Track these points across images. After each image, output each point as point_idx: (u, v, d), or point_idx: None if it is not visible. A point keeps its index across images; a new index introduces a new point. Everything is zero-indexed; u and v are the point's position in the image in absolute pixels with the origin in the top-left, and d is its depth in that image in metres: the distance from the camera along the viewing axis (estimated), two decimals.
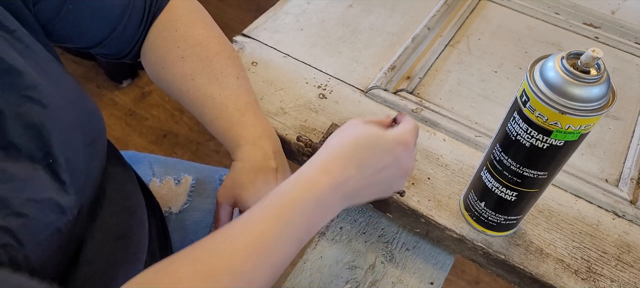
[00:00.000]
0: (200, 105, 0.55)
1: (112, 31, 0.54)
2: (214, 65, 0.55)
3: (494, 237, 0.53)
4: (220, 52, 0.56)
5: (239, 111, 0.54)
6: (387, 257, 0.57)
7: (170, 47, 0.55)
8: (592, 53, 0.37)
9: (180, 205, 0.74)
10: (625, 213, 0.56)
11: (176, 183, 0.75)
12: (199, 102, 0.55)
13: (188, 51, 0.55)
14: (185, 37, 0.56)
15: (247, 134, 0.53)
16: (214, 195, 0.77)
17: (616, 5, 0.84)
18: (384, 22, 0.78)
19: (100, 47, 0.56)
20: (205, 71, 0.55)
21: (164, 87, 0.58)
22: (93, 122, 0.47)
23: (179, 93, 0.56)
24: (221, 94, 0.54)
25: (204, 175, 0.77)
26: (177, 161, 0.79)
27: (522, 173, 0.45)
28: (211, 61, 0.55)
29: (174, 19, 0.56)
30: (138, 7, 0.55)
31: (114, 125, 1.67)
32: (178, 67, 0.55)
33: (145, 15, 0.56)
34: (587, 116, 0.39)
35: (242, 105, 0.54)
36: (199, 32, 0.57)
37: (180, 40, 0.55)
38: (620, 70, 0.75)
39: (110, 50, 0.57)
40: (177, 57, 0.55)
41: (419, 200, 0.56)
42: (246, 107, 0.54)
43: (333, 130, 0.59)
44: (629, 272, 0.52)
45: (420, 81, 0.70)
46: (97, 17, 0.53)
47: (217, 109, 0.54)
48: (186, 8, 0.58)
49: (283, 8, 0.79)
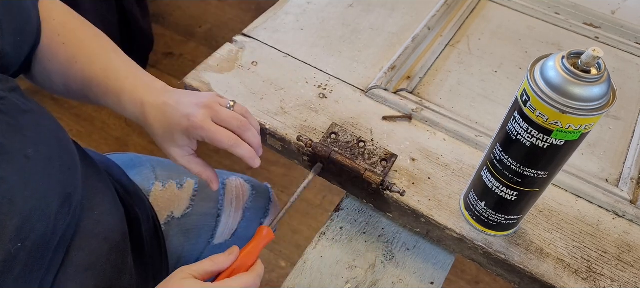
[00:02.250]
0: (88, 88, 0.56)
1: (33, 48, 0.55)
2: (92, 45, 0.57)
3: (495, 236, 0.53)
4: (97, 35, 0.58)
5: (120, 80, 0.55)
6: (387, 256, 0.56)
7: (51, 35, 0.56)
8: (593, 53, 0.37)
9: (183, 209, 0.73)
10: (625, 213, 0.56)
11: (179, 188, 0.74)
12: (87, 84, 0.55)
13: (68, 36, 0.56)
14: (63, 24, 0.57)
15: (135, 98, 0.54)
16: (216, 199, 0.76)
17: (616, 5, 0.84)
18: (384, 22, 0.78)
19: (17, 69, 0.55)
20: (86, 52, 0.56)
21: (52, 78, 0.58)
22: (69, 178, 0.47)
23: (66, 78, 0.57)
24: (103, 69, 0.55)
25: None
26: None
27: (523, 172, 0.45)
28: (90, 43, 0.57)
29: (49, 8, 0.57)
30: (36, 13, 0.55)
31: (114, 125, 1.67)
32: (62, 53, 0.56)
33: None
34: (588, 116, 0.39)
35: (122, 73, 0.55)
36: (72, 18, 0.58)
37: (59, 27, 0.56)
38: (621, 70, 0.75)
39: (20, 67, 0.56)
40: (59, 44, 0.56)
41: (419, 200, 0.56)
42: (126, 74, 0.55)
43: (334, 130, 0.59)
44: (629, 272, 0.52)
45: (421, 81, 0.70)
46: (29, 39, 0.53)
47: (102, 85, 0.55)
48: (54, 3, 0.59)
49: (283, 8, 0.79)
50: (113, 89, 0.54)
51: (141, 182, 0.72)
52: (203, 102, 0.53)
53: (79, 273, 0.49)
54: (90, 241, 0.51)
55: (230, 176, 0.79)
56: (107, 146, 1.61)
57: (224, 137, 0.52)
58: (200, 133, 0.52)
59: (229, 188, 0.77)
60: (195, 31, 1.95)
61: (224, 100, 0.55)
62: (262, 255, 0.52)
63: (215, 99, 0.54)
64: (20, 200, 0.40)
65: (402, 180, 0.57)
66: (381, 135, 0.62)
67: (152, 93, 0.54)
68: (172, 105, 0.52)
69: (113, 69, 0.55)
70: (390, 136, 0.62)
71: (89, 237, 0.51)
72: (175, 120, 0.52)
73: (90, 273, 0.50)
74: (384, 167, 0.56)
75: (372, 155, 0.57)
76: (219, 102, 0.54)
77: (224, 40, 0.77)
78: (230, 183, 0.78)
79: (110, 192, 0.58)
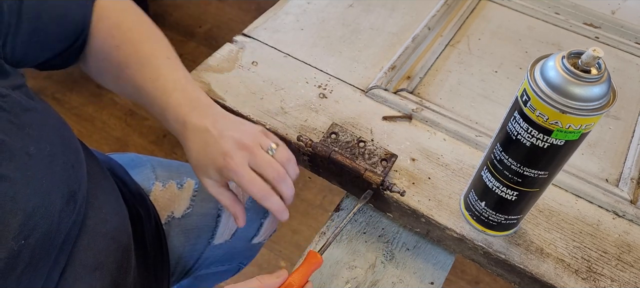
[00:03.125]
0: (137, 95, 0.55)
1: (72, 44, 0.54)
2: (144, 49, 0.55)
3: (495, 236, 0.53)
4: (150, 37, 0.57)
5: (166, 93, 0.53)
6: (387, 256, 0.56)
7: (105, 36, 0.55)
8: (593, 52, 0.37)
9: (183, 209, 0.73)
10: (625, 213, 0.56)
11: (179, 188, 0.74)
12: (136, 91, 0.55)
13: (122, 38, 0.55)
14: (119, 24, 0.56)
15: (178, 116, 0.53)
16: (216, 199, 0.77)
17: (616, 5, 0.84)
18: (384, 21, 0.78)
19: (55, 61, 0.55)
20: (137, 56, 0.55)
21: (103, 78, 0.58)
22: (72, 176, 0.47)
23: (117, 83, 0.56)
24: (152, 79, 0.54)
25: None
26: (179, 164, 0.79)
27: (523, 172, 0.45)
28: (142, 45, 0.55)
29: (106, 7, 0.56)
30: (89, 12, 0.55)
31: (114, 125, 1.67)
32: (114, 57, 0.55)
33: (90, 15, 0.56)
34: (588, 115, 0.39)
35: (170, 86, 0.54)
36: (129, 18, 0.57)
37: (114, 28, 0.55)
38: (621, 70, 0.75)
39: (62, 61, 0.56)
40: (112, 46, 0.55)
41: (419, 200, 0.56)
42: (174, 86, 0.53)
43: (334, 129, 0.59)
44: (629, 272, 0.52)
45: (421, 81, 0.70)
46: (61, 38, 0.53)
47: (149, 95, 0.54)
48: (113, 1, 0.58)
49: (283, 8, 0.79)
50: (159, 102, 0.53)
51: (141, 182, 0.72)
52: (244, 141, 0.51)
53: (86, 273, 0.48)
54: (97, 240, 0.51)
55: None
56: (107, 146, 1.61)
57: (255, 189, 0.50)
58: (233, 177, 0.50)
59: None
60: (195, 31, 1.95)
61: (267, 141, 0.52)
62: (261, 254, 0.51)
63: (258, 138, 0.52)
64: (22, 198, 0.40)
65: (402, 180, 0.57)
66: (381, 135, 0.62)
67: (196, 112, 0.52)
68: (213, 136, 0.50)
69: (162, 80, 0.54)
70: (390, 136, 0.62)
71: (95, 236, 0.51)
72: (212, 155, 0.51)
73: (97, 272, 0.50)
74: (384, 167, 0.56)
75: (372, 155, 0.57)
76: (261, 143, 0.52)
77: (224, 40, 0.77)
78: (231, 184, 0.78)
79: (114, 191, 0.58)
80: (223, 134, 0.51)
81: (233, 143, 0.50)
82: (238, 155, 0.50)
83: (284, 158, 0.53)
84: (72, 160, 0.47)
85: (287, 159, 0.53)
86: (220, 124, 0.52)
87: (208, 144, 0.51)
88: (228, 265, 0.82)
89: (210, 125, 0.51)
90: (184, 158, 0.56)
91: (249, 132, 0.52)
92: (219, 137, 0.50)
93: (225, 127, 0.51)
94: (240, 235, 0.78)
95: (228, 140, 0.50)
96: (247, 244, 0.81)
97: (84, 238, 0.49)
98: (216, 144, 0.50)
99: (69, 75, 1.79)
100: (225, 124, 0.52)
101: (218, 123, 0.52)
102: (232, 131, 0.51)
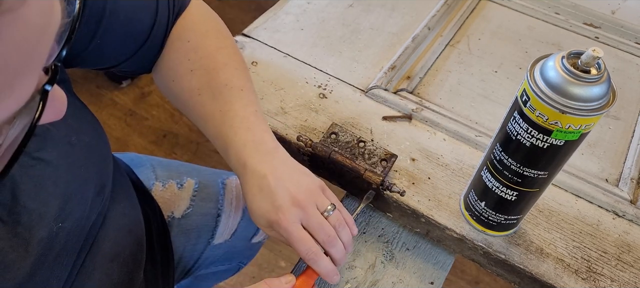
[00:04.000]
0: (203, 123, 0.54)
1: (136, 52, 0.53)
2: (219, 77, 0.53)
3: (494, 236, 0.53)
4: (228, 64, 0.55)
5: (232, 129, 0.52)
6: (387, 256, 0.57)
7: (182, 59, 0.54)
8: (593, 53, 0.37)
9: (183, 209, 0.73)
10: (625, 213, 0.56)
11: (179, 188, 0.74)
12: (203, 120, 0.54)
13: (197, 64, 0.54)
14: (196, 49, 0.54)
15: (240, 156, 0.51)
16: (216, 199, 0.76)
17: (616, 5, 0.84)
18: (384, 22, 0.78)
19: (119, 67, 0.55)
20: (210, 85, 0.53)
21: (172, 99, 0.57)
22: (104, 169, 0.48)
23: (186, 107, 0.55)
24: (221, 111, 0.52)
25: (206, 179, 0.77)
26: (179, 164, 0.78)
27: (523, 173, 0.45)
28: (217, 74, 0.54)
29: (188, 28, 0.55)
30: (162, 22, 0.54)
31: (114, 125, 1.67)
32: (187, 81, 0.54)
33: (168, 30, 0.55)
34: (588, 116, 0.39)
35: (237, 122, 0.52)
36: (209, 42, 0.55)
37: (191, 52, 0.54)
38: (620, 70, 0.75)
39: (131, 67, 0.56)
40: (186, 70, 0.54)
41: (419, 200, 0.56)
42: (240, 124, 0.52)
43: (334, 130, 0.59)
44: (629, 272, 0.52)
45: (421, 81, 0.70)
46: (126, 42, 0.52)
47: (216, 128, 0.52)
48: (200, 16, 0.57)
49: (283, 8, 0.79)
50: (223, 137, 0.52)
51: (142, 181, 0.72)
52: (300, 198, 0.48)
53: (105, 262, 0.49)
54: (116, 232, 0.52)
55: (230, 176, 0.79)
56: None
57: (303, 250, 0.48)
58: (283, 233, 0.48)
59: (228, 188, 0.77)
60: None
61: (324, 202, 0.50)
62: (261, 254, 0.51)
63: (314, 196, 0.50)
64: (62, 183, 0.42)
65: (402, 180, 0.57)
66: (381, 135, 0.62)
67: (257, 155, 0.50)
68: (270, 186, 0.48)
69: (231, 115, 0.52)
70: (390, 136, 0.62)
71: (115, 227, 0.52)
72: (266, 207, 0.48)
73: (115, 263, 0.51)
74: (384, 167, 0.56)
75: (372, 155, 0.57)
76: (317, 203, 0.49)
77: None
78: (230, 183, 0.78)
79: (129, 187, 0.59)
80: (280, 183, 0.48)
81: (288, 197, 0.48)
82: (292, 212, 0.48)
83: (339, 221, 0.50)
84: (104, 154, 0.49)
85: (342, 222, 0.50)
86: (279, 171, 0.49)
87: (263, 192, 0.49)
88: (228, 265, 0.82)
89: (269, 172, 0.49)
90: (184, 158, 0.56)
91: (306, 187, 0.49)
92: (275, 187, 0.48)
93: (283, 176, 0.49)
94: (240, 235, 0.78)
95: (284, 193, 0.48)
96: (247, 243, 0.81)
97: (104, 228, 0.50)
98: (271, 195, 0.48)
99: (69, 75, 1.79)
100: (284, 174, 0.49)
101: (277, 171, 0.49)
102: (289, 183, 0.49)
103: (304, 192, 0.49)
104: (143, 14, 0.52)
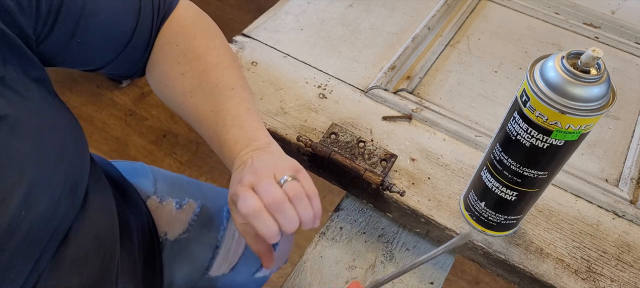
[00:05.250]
0: (198, 125, 0.54)
1: (119, 54, 0.53)
2: (210, 78, 0.53)
3: (494, 236, 0.53)
4: (218, 64, 0.54)
5: (225, 128, 0.51)
6: (387, 256, 0.57)
7: (172, 63, 0.54)
8: (592, 53, 0.37)
9: (178, 232, 0.69)
10: (625, 213, 0.56)
11: (177, 208, 0.70)
12: (198, 122, 0.53)
13: (187, 66, 0.54)
14: (185, 51, 0.54)
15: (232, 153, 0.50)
16: (217, 229, 0.71)
17: (616, 5, 0.84)
18: (384, 22, 0.78)
19: (106, 69, 0.55)
20: (201, 87, 0.53)
21: (168, 103, 0.57)
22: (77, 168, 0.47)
23: (181, 110, 0.55)
24: (214, 111, 0.52)
25: (211, 203, 0.73)
26: (186, 181, 0.74)
27: (522, 173, 0.45)
28: (208, 75, 0.53)
29: (176, 31, 0.55)
30: (146, 25, 0.53)
31: (113, 125, 1.67)
32: (179, 85, 0.54)
33: (152, 33, 0.54)
34: (587, 116, 0.39)
35: (229, 121, 0.51)
36: (198, 44, 0.55)
37: (180, 55, 0.54)
38: (620, 70, 0.75)
39: (118, 70, 0.56)
40: (177, 73, 0.54)
41: (419, 200, 0.56)
42: (233, 122, 0.51)
43: (333, 130, 0.59)
44: (629, 272, 0.52)
45: (421, 81, 0.70)
46: (107, 44, 0.52)
47: (210, 129, 0.52)
48: (188, 18, 0.57)
49: (283, 8, 0.79)
50: (217, 137, 0.51)
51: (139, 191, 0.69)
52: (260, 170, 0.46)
53: (67, 265, 0.48)
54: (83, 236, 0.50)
55: None
56: (107, 146, 1.61)
57: (245, 207, 0.45)
58: (235, 200, 0.46)
59: None
60: None
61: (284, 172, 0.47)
62: None
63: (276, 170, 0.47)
64: (30, 172, 0.42)
65: (402, 180, 0.57)
66: (381, 135, 0.62)
67: (247, 149, 0.49)
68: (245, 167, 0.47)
69: (223, 114, 0.51)
70: (390, 136, 0.62)
71: (83, 231, 0.50)
72: (233, 184, 0.48)
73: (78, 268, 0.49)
74: (384, 167, 0.56)
75: (372, 155, 0.57)
76: (276, 173, 0.47)
77: None
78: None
79: (107, 194, 0.57)
80: (257, 166, 0.47)
81: (253, 173, 0.46)
82: (246, 179, 0.46)
83: (294, 192, 0.46)
84: (79, 155, 0.49)
85: (298, 194, 0.46)
86: (265, 158, 0.48)
87: (236, 173, 0.48)
88: None
89: (250, 159, 0.48)
90: (184, 158, 0.56)
91: (276, 165, 0.47)
92: (250, 167, 0.47)
93: (262, 161, 0.48)
94: (240, 270, 0.74)
95: (251, 170, 0.47)
96: (249, 278, 0.77)
97: (73, 231, 0.49)
98: (242, 173, 0.47)
99: (69, 75, 1.79)
100: (264, 159, 0.48)
101: (263, 158, 0.48)
102: (268, 168, 0.47)
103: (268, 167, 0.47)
104: (124, 16, 0.51)
